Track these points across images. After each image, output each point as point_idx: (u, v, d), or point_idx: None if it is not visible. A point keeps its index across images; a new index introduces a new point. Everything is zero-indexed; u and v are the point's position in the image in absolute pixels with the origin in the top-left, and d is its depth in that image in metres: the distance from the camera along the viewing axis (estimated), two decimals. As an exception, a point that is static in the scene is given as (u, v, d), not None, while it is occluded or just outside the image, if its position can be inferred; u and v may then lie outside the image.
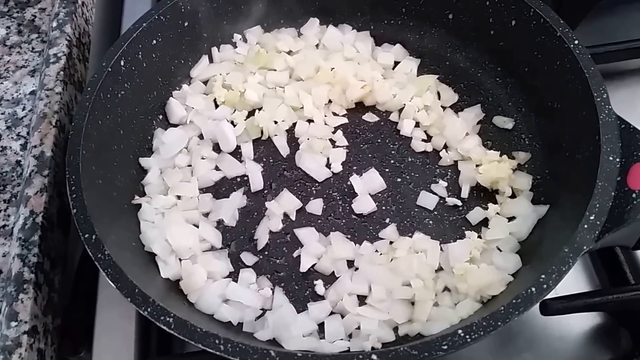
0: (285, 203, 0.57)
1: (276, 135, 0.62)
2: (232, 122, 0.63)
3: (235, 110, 0.64)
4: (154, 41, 0.61)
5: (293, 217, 0.57)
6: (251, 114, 0.64)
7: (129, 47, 0.58)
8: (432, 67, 0.66)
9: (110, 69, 0.56)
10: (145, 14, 0.61)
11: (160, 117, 0.64)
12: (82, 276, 0.64)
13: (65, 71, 0.70)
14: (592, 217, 0.44)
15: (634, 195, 0.45)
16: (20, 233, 0.57)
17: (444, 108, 0.63)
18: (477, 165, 0.57)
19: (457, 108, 0.63)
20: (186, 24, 0.63)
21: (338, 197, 0.58)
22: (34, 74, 0.72)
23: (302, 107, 0.63)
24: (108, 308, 0.55)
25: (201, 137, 0.63)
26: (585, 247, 0.43)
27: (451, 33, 0.66)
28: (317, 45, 0.68)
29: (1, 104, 0.70)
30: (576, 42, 0.54)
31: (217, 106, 0.64)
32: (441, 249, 0.53)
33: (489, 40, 0.63)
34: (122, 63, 0.58)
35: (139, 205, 0.57)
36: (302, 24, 0.69)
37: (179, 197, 0.58)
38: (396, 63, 0.66)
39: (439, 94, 0.64)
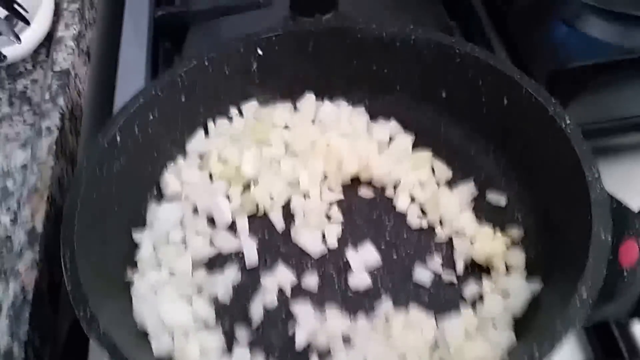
0: (281, 278, 0.62)
1: (272, 210, 0.68)
2: (227, 197, 0.69)
3: (230, 185, 0.70)
4: (151, 116, 0.67)
5: (288, 293, 0.62)
6: (247, 188, 0.69)
7: (125, 122, 0.64)
8: (427, 142, 0.72)
9: (106, 144, 0.62)
10: (142, 89, 0.68)
11: (155, 190, 0.69)
12: (70, 352, 0.68)
13: (58, 144, 0.76)
14: (584, 295, 0.50)
15: (625, 273, 0.51)
16: (11, 310, 0.62)
17: (438, 184, 0.69)
18: (471, 242, 0.63)
19: (450, 184, 0.69)
20: (183, 98, 0.70)
21: (334, 273, 0.63)
22: (25, 147, 0.79)
23: (298, 182, 0.69)
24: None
25: (196, 211, 0.68)
26: (577, 323, 0.48)
27: (445, 109, 0.73)
28: (312, 120, 0.75)
29: (-10, 177, 0.76)
30: (568, 121, 0.61)
31: (212, 180, 0.70)
32: (437, 325, 0.57)
33: (482, 117, 0.70)
34: (118, 138, 0.64)
35: (132, 281, 0.62)
36: (298, 98, 0.76)
37: (172, 273, 0.63)
38: (391, 139, 0.73)
39: (433, 169, 0.70)
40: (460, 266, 0.62)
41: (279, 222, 0.67)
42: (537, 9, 0.96)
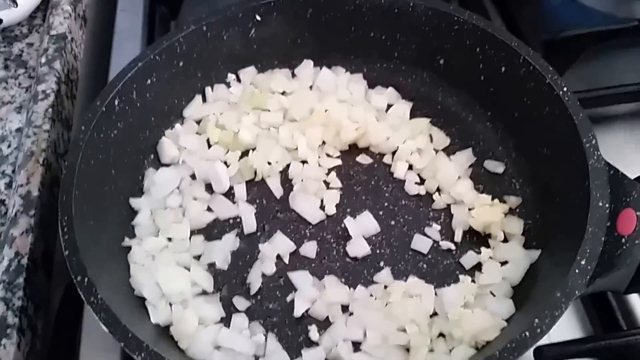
0: (279, 246, 0.59)
1: (269, 176, 0.65)
2: (225, 163, 0.66)
3: (228, 151, 0.66)
4: (149, 81, 0.63)
5: (287, 261, 0.59)
6: (244, 154, 0.66)
7: (123, 86, 0.61)
8: (424, 110, 0.69)
9: (104, 109, 0.58)
10: (140, 53, 0.64)
11: (152, 156, 0.66)
12: (63, 321, 0.65)
13: (54, 108, 0.72)
14: (583, 262, 0.47)
15: (623, 240, 0.48)
16: (5, 275, 0.58)
17: (436, 151, 0.66)
18: (469, 209, 0.60)
19: (448, 151, 0.66)
20: (181, 63, 0.66)
21: (332, 240, 0.60)
22: (20, 111, 0.74)
23: (296, 148, 0.65)
24: (91, 355, 0.56)
25: (193, 177, 0.65)
26: (577, 292, 0.46)
27: (442, 77, 0.70)
28: (310, 87, 0.72)
29: (-15, 141, 0.72)
30: (565, 89, 0.58)
31: (210, 146, 0.67)
32: (435, 294, 0.55)
33: (479, 85, 0.67)
34: (116, 102, 0.60)
35: (129, 248, 0.58)
36: (296, 65, 0.73)
37: (170, 239, 0.60)
38: (389, 106, 0.70)
39: (431, 137, 0.67)
40: (458, 234, 0.59)
41: (277, 189, 0.64)
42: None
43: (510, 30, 0.81)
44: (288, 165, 0.66)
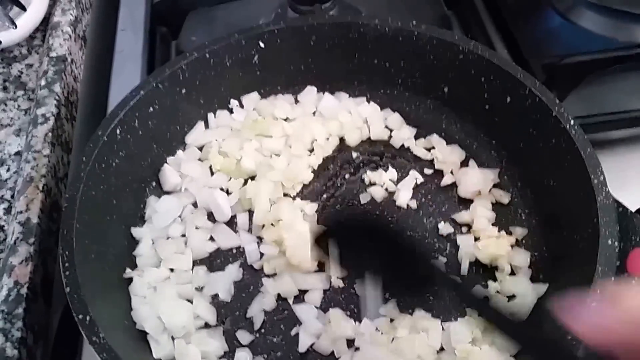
0: (282, 286, 0.57)
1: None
2: (227, 191, 0.64)
3: (231, 178, 0.65)
4: (151, 108, 0.62)
5: (291, 301, 0.57)
6: (246, 182, 0.65)
7: (125, 115, 0.59)
8: (428, 137, 0.68)
9: (106, 138, 0.57)
10: (142, 81, 0.62)
11: (154, 184, 0.64)
12: (62, 343, 0.63)
13: (54, 132, 0.71)
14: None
15: (633, 281, 0.48)
16: (4, 305, 0.57)
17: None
18: (475, 239, 0.59)
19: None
20: (183, 90, 0.65)
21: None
22: (19, 134, 0.73)
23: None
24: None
25: (195, 205, 0.63)
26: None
27: (446, 105, 0.69)
28: (314, 113, 0.71)
29: (-16, 165, 0.70)
30: (572, 122, 0.57)
31: (212, 173, 0.65)
32: (442, 328, 0.54)
33: (484, 114, 0.66)
34: (118, 131, 0.59)
35: (131, 279, 0.57)
36: (299, 90, 0.72)
37: (172, 270, 0.58)
38: (392, 130, 0.69)
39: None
40: (465, 266, 0.58)
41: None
42: (531, 1, 0.92)
43: (512, 54, 0.82)
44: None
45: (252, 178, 0.65)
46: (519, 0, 0.90)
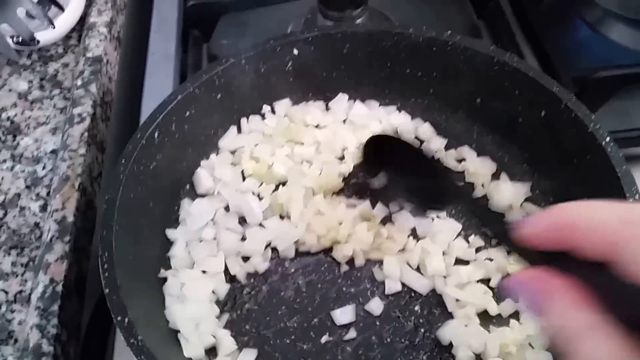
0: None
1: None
2: (258, 195, 0.65)
3: (262, 183, 0.66)
4: (187, 113, 0.63)
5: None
6: (277, 187, 0.65)
7: (163, 119, 0.60)
8: (459, 148, 0.69)
9: (144, 141, 0.58)
10: (180, 86, 0.63)
11: (188, 186, 0.66)
12: (90, 344, 0.64)
13: (89, 132, 0.72)
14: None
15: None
16: (39, 302, 0.58)
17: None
18: (507, 252, 0.59)
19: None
20: (219, 96, 0.66)
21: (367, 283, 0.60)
22: (55, 132, 0.74)
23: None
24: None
25: (227, 209, 0.64)
26: None
27: (478, 117, 0.69)
28: (344, 120, 0.71)
29: (21, 161, 0.72)
30: (607, 139, 0.57)
31: (244, 178, 0.66)
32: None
33: (516, 127, 0.66)
34: (156, 135, 0.59)
35: (165, 279, 0.58)
36: (331, 97, 0.72)
37: (204, 272, 0.59)
38: (424, 141, 0.70)
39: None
40: (495, 280, 0.58)
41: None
42: (561, 11, 0.92)
43: (542, 64, 0.81)
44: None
45: (283, 184, 0.65)
46: (549, 10, 0.89)
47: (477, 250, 0.60)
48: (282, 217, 0.63)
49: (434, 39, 0.67)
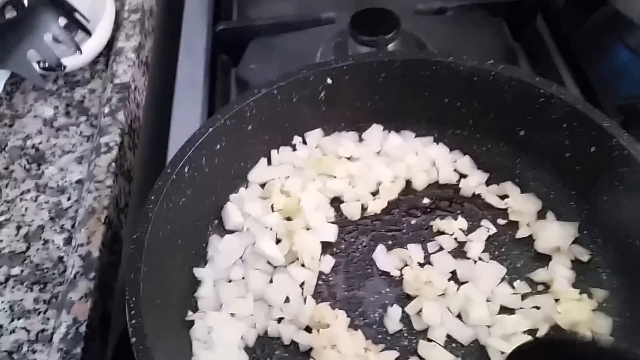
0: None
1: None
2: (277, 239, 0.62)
3: (290, 219, 0.63)
4: (218, 145, 0.61)
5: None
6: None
7: (194, 152, 0.58)
8: (501, 184, 0.65)
9: (175, 177, 0.56)
10: (211, 118, 0.61)
11: (216, 222, 0.63)
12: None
13: (117, 162, 0.70)
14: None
15: None
16: (62, 343, 0.56)
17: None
18: (555, 300, 0.56)
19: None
20: (250, 127, 0.63)
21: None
22: (81, 161, 0.72)
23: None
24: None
25: (257, 246, 0.62)
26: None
27: (521, 149, 0.66)
28: (378, 152, 0.68)
29: (45, 192, 0.70)
30: (664, 181, 0.53)
31: (274, 210, 0.63)
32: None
33: (563, 162, 0.62)
34: (186, 169, 0.57)
35: (192, 322, 0.55)
36: (364, 128, 0.70)
37: (232, 315, 0.56)
38: (463, 176, 0.67)
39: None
40: (542, 331, 0.54)
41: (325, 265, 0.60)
42: (602, 35, 0.88)
43: (582, 90, 0.78)
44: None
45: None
46: (590, 34, 0.86)
47: (523, 297, 0.56)
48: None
49: (475, 68, 0.64)
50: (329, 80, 0.66)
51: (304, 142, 0.68)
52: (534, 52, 0.87)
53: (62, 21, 0.76)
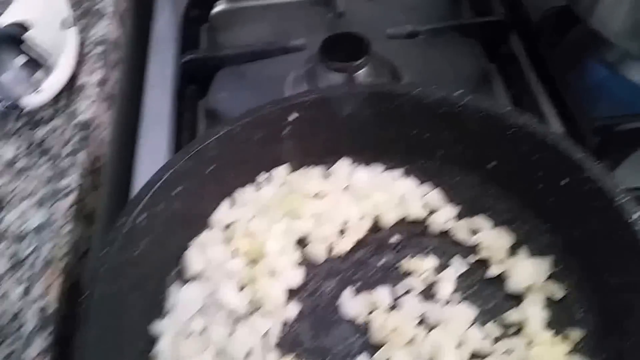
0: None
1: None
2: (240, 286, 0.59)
3: (254, 263, 0.60)
4: (178, 189, 0.59)
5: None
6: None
7: (150, 198, 0.56)
8: (473, 217, 0.63)
9: (129, 227, 0.54)
10: (169, 160, 0.59)
11: (175, 271, 0.61)
12: None
13: (77, 205, 0.67)
14: None
15: None
16: (17, 414, 0.53)
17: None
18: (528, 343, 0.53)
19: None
20: (212, 167, 0.61)
21: None
22: (42, 206, 0.70)
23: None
24: None
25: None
26: None
27: (493, 181, 0.64)
28: (346, 187, 0.66)
29: (4, 239, 0.67)
30: (636, 215, 0.51)
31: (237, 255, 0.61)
32: None
33: (536, 194, 0.60)
34: (142, 217, 0.55)
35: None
36: (332, 162, 0.68)
37: (193, 374, 0.54)
38: (433, 211, 0.64)
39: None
40: (516, 378, 0.52)
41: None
42: (579, 54, 0.87)
43: (560, 113, 0.76)
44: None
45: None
46: (565, 53, 0.85)
47: (495, 340, 0.54)
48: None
49: (443, 99, 0.62)
50: (295, 115, 0.64)
51: (270, 180, 0.66)
52: (509, 74, 0.85)
53: (21, 59, 0.74)
